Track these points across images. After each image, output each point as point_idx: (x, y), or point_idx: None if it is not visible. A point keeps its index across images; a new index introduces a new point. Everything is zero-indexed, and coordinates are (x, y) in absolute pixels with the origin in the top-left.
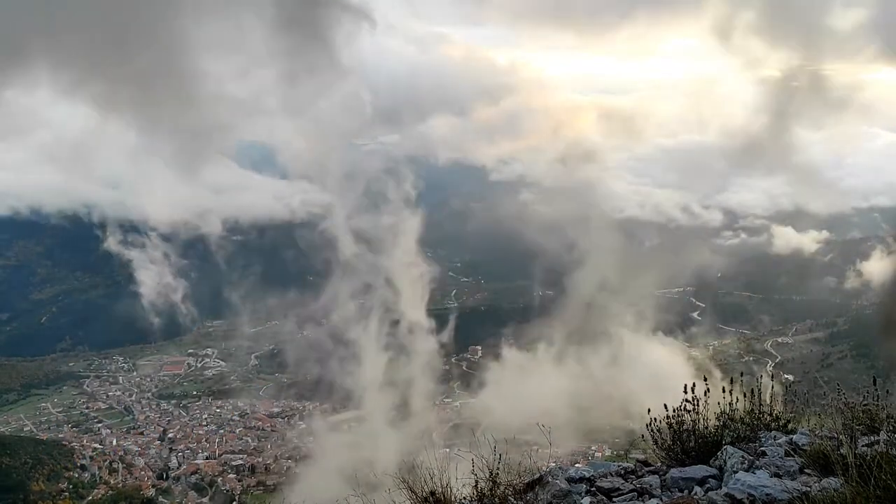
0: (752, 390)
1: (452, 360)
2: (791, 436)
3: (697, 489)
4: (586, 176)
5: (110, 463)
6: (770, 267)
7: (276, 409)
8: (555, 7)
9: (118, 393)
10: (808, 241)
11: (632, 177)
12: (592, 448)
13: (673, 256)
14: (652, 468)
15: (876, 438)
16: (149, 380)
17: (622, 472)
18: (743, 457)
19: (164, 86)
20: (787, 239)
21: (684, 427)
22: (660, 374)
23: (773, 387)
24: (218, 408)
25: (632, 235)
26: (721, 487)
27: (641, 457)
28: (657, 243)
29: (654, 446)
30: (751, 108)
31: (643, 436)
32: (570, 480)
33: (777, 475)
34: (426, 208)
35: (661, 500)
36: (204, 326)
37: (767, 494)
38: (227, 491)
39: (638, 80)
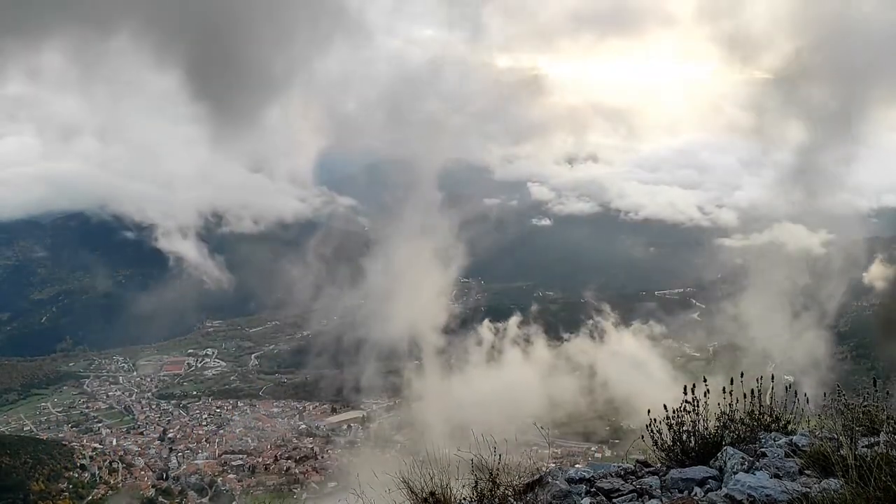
0: (752, 391)
1: (452, 360)
2: (791, 437)
3: (697, 490)
4: (594, 175)
5: (110, 463)
6: (773, 267)
7: (275, 409)
8: (533, 32)
9: (118, 393)
10: (816, 241)
11: (646, 174)
12: (592, 448)
13: (678, 257)
14: (652, 469)
15: (876, 440)
16: (149, 380)
17: (622, 472)
18: (743, 458)
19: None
20: (796, 238)
21: (684, 428)
22: (654, 377)
23: (772, 388)
24: (218, 408)
25: (640, 236)
26: (721, 488)
27: (641, 457)
28: (665, 244)
29: (654, 447)
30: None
31: (643, 436)
32: (570, 481)
33: (777, 476)
34: (425, 208)
35: (661, 500)
36: (204, 326)
37: (767, 495)
38: (227, 491)
39: (627, 83)
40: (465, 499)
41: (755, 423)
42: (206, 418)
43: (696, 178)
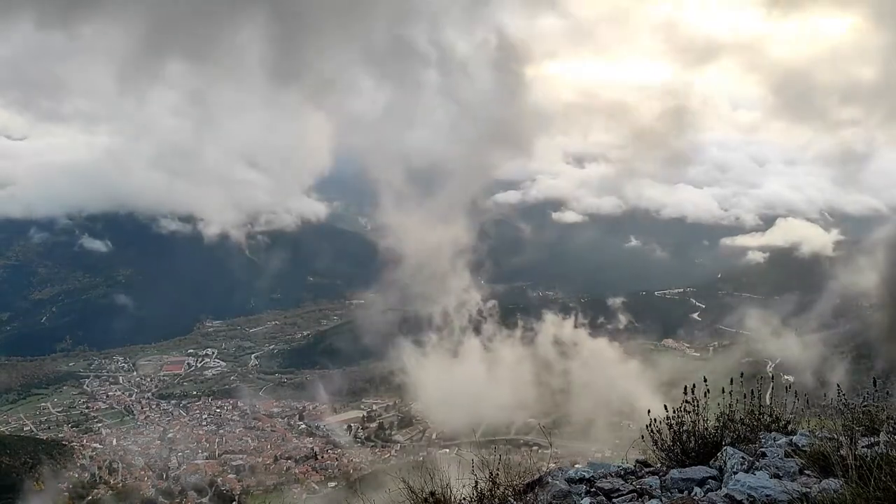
0: (752, 391)
1: (450, 360)
2: (791, 437)
3: (697, 490)
4: (605, 173)
5: (110, 463)
6: (775, 267)
7: (275, 409)
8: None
9: (118, 393)
10: (828, 240)
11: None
12: (592, 448)
13: (680, 257)
14: (651, 469)
15: (876, 440)
16: (149, 380)
17: (622, 472)
18: (743, 458)
19: None
20: (805, 238)
21: (684, 428)
22: (653, 377)
23: (772, 388)
24: (218, 408)
25: (661, 234)
26: (721, 488)
27: (641, 457)
28: (671, 243)
29: (654, 447)
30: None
31: (643, 436)
32: (570, 481)
33: (777, 476)
34: (424, 208)
35: (661, 500)
36: (204, 326)
37: (767, 495)
38: (227, 491)
39: (628, 83)
40: (465, 499)
41: (755, 423)
42: (206, 418)
43: (714, 176)
